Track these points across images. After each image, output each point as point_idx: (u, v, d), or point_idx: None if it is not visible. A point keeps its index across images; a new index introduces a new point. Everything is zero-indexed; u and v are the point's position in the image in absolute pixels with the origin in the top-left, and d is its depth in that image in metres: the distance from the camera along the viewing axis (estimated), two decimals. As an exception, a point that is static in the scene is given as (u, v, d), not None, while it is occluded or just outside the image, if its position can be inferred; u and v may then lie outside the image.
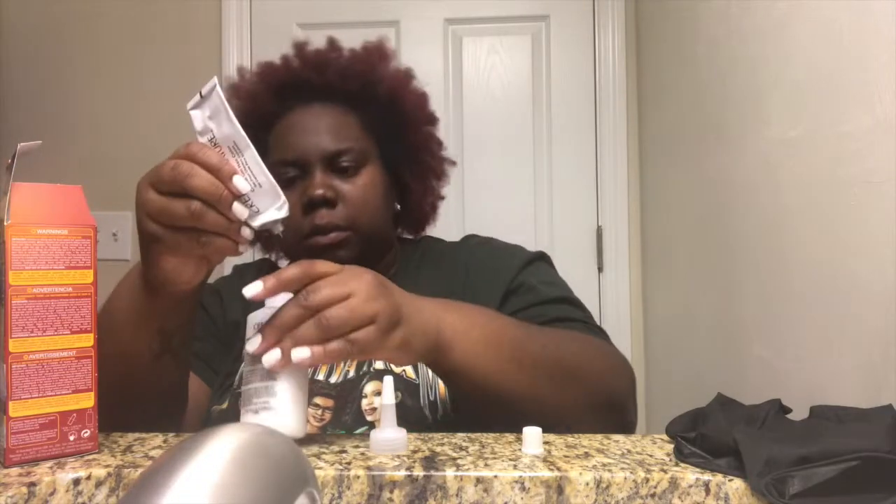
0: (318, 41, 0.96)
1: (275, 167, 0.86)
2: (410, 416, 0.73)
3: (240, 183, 0.56)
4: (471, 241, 0.97)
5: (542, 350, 0.68)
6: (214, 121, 0.58)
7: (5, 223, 0.53)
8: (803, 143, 0.86)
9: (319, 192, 0.83)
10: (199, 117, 0.59)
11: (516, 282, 0.86)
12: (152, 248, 0.59)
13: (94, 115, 1.92)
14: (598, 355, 0.74)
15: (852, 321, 0.75)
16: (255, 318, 0.59)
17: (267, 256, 1.04)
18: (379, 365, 0.79)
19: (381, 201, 0.90)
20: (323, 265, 0.58)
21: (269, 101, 0.91)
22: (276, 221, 0.58)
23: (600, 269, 1.84)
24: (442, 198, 1.02)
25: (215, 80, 0.59)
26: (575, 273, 0.96)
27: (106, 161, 1.90)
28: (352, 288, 0.57)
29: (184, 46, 1.92)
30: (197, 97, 0.59)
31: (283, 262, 1.01)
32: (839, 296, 0.77)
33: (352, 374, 0.79)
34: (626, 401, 0.75)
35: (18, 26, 1.95)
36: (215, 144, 0.58)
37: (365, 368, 0.79)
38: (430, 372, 0.78)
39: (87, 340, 0.56)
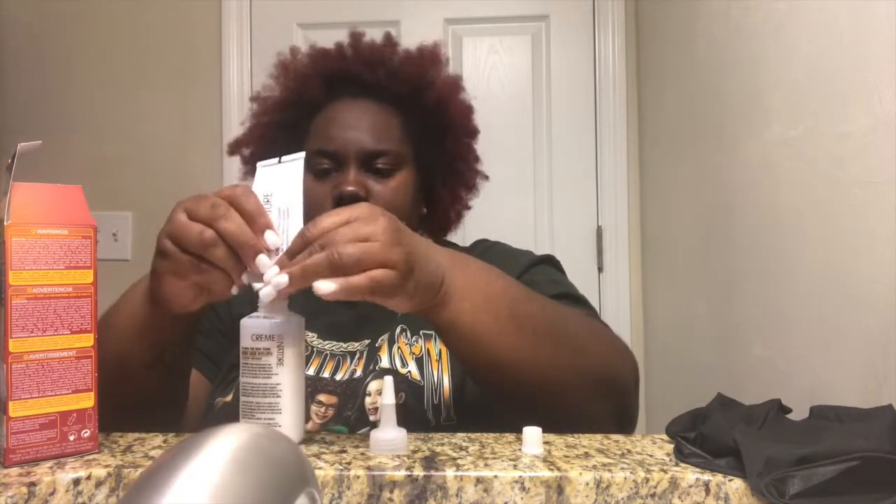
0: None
1: (311, 156, 0.87)
2: (413, 417, 0.73)
3: (270, 237, 0.57)
4: (480, 245, 0.97)
5: (544, 316, 0.67)
6: (281, 185, 0.60)
7: (5, 223, 0.53)
8: (803, 143, 0.86)
9: (352, 189, 0.83)
10: (265, 175, 0.62)
11: (521, 281, 0.85)
12: (159, 266, 0.59)
13: (94, 115, 1.92)
14: (602, 336, 0.74)
15: (852, 321, 0.75)
16: (250, 326, 0.59)
17: None
18: (385, 363, 0.79)
19: (409, 206, 0.91)
20: (327, 219, 0.56)
21: (316, 88, 0.92)
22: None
23: (600, 269, 1.84)
24: (468, 208, 1.03)
25: (304, 154, 0.61)
26: (575, 273, 0.96)
27: (106, 161, 1.90)
28: (368, 232, 0.55)
29: (184, 46, 1.92)
30: (275, 161, 0.62)
31: None
32: (839, 296, 0.77)
33: (359, 373, 0.79)
34: (626, 384, 0.73)
35: (18, 26, 1.95)
36: (268, 201, 0.60)
37: (371, 367, 0.79)
38: (435, 374, 0.78)
39: (87, 340, 0.56)
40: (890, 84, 0.67)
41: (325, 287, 0.52)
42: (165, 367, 0.68)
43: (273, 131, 0.95)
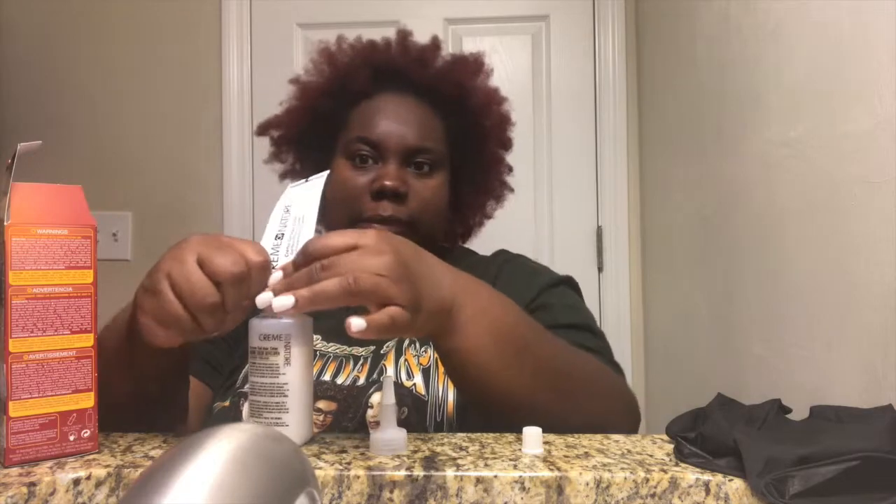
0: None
1: (353, 142, 0.88)
2: (415, 433, 0.72)
3: (259, 300, 0.56)
4: (500, 257, 0.96)
5: (549, 358, 0.65)
6: (302, 198, 0.66)
7: (5, 223, 0.53)
8: (803, 143, 0.86)
9: (394, 183, 0.83)
10: (290, 193, 0.68)
11: (536, 302, 0.84)
12: (146, 304, 0.56)
13: (94, 115, 1.92)
14: (606, 384, 0.71)
15: (852, 321, 0.75)
16: (258, 326, 0.59)
17: None
18: (389, 374, 0.78)
19: (442, 208, 0.91)
20: (333, 238, 0.55)
21: (364, 78, 0.92)
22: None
23: (600, 269, 1.84)
24: (489, 217, 1.04)
25: (327, 172, 0.68)
26: (575, 273, 0.95)
27: (106, 161, 1.90)
28: (376, 265, 0.53)
29: (184, 46, 1.92)
30: (303, 181, 0.69)
31: None
32: (839, 296, 0.77)
33: (362, 381, 0.78)
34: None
35: (18, 26, 1.95)
36: (287, 210, 0.65)
37: (375, 377, 0.78)
38: (440, 389, 0.77)
39: (87, 340, 0.56)
40: (890, 84, 0.67)
41: (356, 324, 0.51)
42: (150, 399, 0.65)
43: (310, 118, 0.95)
